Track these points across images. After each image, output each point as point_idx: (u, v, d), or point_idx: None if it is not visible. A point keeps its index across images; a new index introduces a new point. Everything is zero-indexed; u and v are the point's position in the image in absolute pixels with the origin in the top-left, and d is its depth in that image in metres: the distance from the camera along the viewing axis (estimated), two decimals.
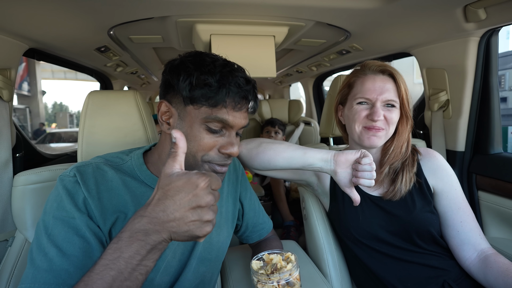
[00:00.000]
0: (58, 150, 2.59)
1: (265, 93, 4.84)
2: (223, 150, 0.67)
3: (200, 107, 0.65)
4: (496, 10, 0.99)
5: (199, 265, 0.77)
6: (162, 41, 1.51)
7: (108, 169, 0.69)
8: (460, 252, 0.88)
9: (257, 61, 1.29)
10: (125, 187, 0.68)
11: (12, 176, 0.99)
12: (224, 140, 0.68)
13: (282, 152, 0.85)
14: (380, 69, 0.92)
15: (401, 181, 0.90)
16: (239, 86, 0.65)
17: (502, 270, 0.79)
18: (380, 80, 0.91)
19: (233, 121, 0.66)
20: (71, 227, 0.59)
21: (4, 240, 0.94)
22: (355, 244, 0.95)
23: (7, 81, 1.04)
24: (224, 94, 0.64)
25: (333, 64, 2.17)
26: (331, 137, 1.46)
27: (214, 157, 0.67)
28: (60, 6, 0.95)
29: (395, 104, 0.90)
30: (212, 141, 0.67)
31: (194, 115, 0.65)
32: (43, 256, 0.56)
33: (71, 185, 0.63)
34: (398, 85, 0.90)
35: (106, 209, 0.64)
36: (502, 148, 1.36)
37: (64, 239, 0.58)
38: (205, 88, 0.63)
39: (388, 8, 1.04)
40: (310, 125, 2.87)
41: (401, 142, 0.93)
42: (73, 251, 0.57)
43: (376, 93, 0.89)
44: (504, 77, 9.38)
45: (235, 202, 0.89)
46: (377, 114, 0.87)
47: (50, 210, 0.61)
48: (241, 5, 1.03)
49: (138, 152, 0.77)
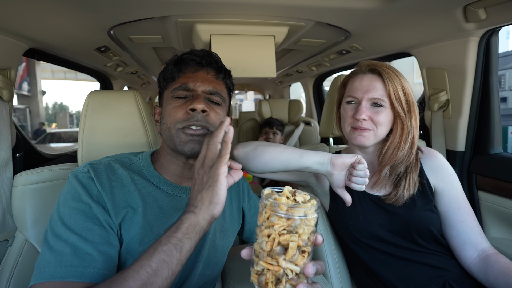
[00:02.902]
0: (58, 150, 2.59)
1: (265, 93, 4.83)
2: (188, 108, 0.71)
3: (168, 87, 0.76)
4: (496, 10, 0.99)
5: (205, 269, 0.78)
6: (162, 41, 1.51)
7: (118, 167, 0.72)
8: (461, 251, 0.88)
9: (257, 61, 1.29)
10: (134, 185, 0.70)
11: (12, 176, 0.99)
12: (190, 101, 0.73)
13: (278, 155, 0.85)
14: (369, 68, 0.91)
15: (404, 187, 0.89)
16: (190, 53, 0.76)
17: (503, 269, 0.79)
18: (368, 79, 0.90)
19: (193, 84, 0.74)
20: (88, 216, 0.61)
21: (4, 240, 0.94)
22: (355, 243, 0.94)
23: (7, 81, 1.04)
24: (178, 64, 0.75)
25: (333, 64, 2.17)
26: (331, 137, 1.46)
27: (183, 120, 0.71)
28: (60, 6, 0.95)
29: (382, 103, 0.88)
30: (180, 108, 0.72)
31: (167, 95, 0.76)
32: (64, 242, 0.57)
33: (85, 180, 0.65)
34: (386, 84, 0.87)
35: (117, 203, 0.66)
36: (502, 148, 1.36)
37: (83, 227, 0.59)
38: (168, 68, 0.76)
39: (388, 8, 1.04)
40: (310, 125, 2.87)
41: (395, 143, 0.90)
42: (93, 237, 0.59)
43: (361, 92, 0.89)
44: (504, 77, 9.38)
45: (239, 206, 0.90)
46: (359, 112, 0.87)
47: (65, 202, 0.63)
48: (241, 5, 1.03)
49: (146, 153, 0.81)
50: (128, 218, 0.66)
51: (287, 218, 0.46)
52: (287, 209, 0.46)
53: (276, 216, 0.46)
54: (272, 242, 0.46)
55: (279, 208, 0.46)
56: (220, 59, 0.81)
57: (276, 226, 0.46)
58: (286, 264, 0.46)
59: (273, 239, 0.46)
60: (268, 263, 0.47)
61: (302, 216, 0.46)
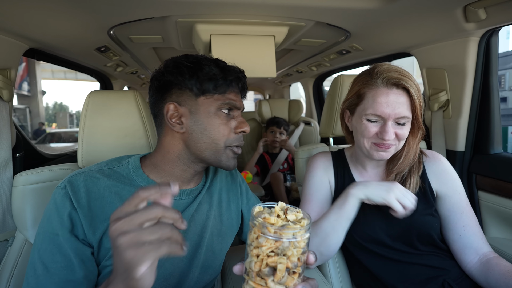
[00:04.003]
0: (58, 150, 2.59)
1: (265, 93, 4.83)
2: (238, 129, 0.74)
3: (212, 96, 0.72)
4: (496, 10, 0.99)
5: (203, 274, 0.77)
6: (162, 41, 1.51)
7: (100, 177, 0.70)
8: (462, 256, 0.88)
9: (257, 61, 1.29)
10: (117, 196, 0.69)
11: (12, 176, 0.99)
12: (236, 121, 0.75)
13: (328, 232, 0.86)
14: (393, 82, 0.82)
15: (408, 188, 0.88)
16: (235, 70, 0.75)
17: (504, 272, 0.78)
18: (394, 95, 0.82)
19: (240, 103, 0.75)
20: (55, 244, 0.62)
21: (4, 240, 0.94)
22: (355, 246, 0.94)
23: (7, 81, 1.04)
24: (229, 81, 0.73)
25: (333, 64, 2.17)
26: (331, 137, 1.46)
27: (233, 139, 0.73)
28: (60, 6, 0.95)
29: (407, 120, 0.84)
30: (228, 125, 0.73)
31: (208, 105, 0.71)
32: (33, 273, 0.61)
33: (60, 198, 0.65)
34: (413, 100, 0.82)
35: (96, 217, 0.65)
36: (502, 148, 1.36)
37: (49, 256, 0.61)
38: (213, 79, 0.71)
39: (388, 8, 1.04)
40: (310, 125, 2.87)
41: (411, 153, 0.89)
42: (55, 269, 0.60)
43: (388, 110, 0.81)
44: (504, 77, 9.38)
45: (237, 208, 0.89)
46: (388, 134, 0.82)
47: (42, 223, 0.65)
48: (241, 5, 1.03)
49: (136, 156, 0.78)
50: None
51: (275, 240, 0.44)
52: (274, 231, 0.44)
53: (264, 237, 0.44)
54: (260, 263, 0.45)
55: (267, 230, 0.44)
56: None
57: (263, 248, 0.44)
58: (275, 286, 0.44)
59: (261, 260, 0.45)
60: (257, 283, 0.45)
61: (290, 238, 0.44)
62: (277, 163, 2.53)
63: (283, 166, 2.56)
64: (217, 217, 0.82)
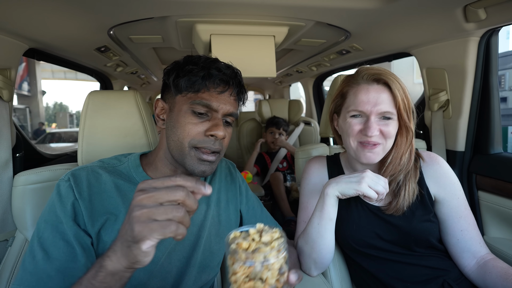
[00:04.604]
0: (58, 150, 2.59)
1: (265, 93, 4.83)
2: (208, 132, 0.69)
3: (186, 94, 0.70)
4: (496, 10, 0.99)
5: (201, 273, 0.77)
6: (162, 41, 1.51)
7: (102, 172, 0.72)
8: (459, 259, 0.88)
9: (257, 61, 1.29)
10: (117, 190, 0.70)
11: (12, 176, 0.99)
12: (210, 123, 0.70)
13: (314, 238, 0.86)
14: (373, 77, 0.84)
15: (404, 196, 0.86)
16: (219, 70, 0.71)
17: (501, 274, 0.78)
18: (374, 90, 0.83)
19: (217, 105, 0.70)
20: (58, 231, 0.62)
21: (4, 240, 0.94)
22: (353, 251, 0.95)
23: (7, 81, 1.04)
24: (206, 78, 0.69)
25: (333, 64, 2.17)
26: (331, 137, 1.46)
27: (199, 140, 0.69)
28: (60, 6, 0.95)
29: (391, 116, 0.83)
30: (198, 125, 0.69)
31: (181, 103, 0.71)
32: (32, 259, 0.60)
33: (64, 189, 0.66)
34: (394, 95, 0.82)
35: (96, 210, 0.66)
36: (502, 148, 1.36)
37: (51, 243, 0.61)
38: (188, 75, 0.69)
39: (388, 8, 1.04)
40: (310, 125, 2.87)
41: (400, 154, 0.87)
42: (57, 255, 0.60)
43: (370, 105, 0.82)
44: (504, 77, 9.38)
45: (236, 209, 0.89)
46: (371, 129, 0.81)
47: (43, 214, 0.65)
48: (241, 5, 1.03)
49: (136, 154, 0.80)
50: (109, 225, 0.66)
51: (249, 265, 0.44)
52: (246, 256, 0.44)
53: (238, 263, 0.44)
54: None
55: (238, 256, 0.44)
56: (242, 79, 0.78)
57: (238, 275, 0.44)
58: None
59: (239, 286, 0.45)
60: None
61: (262, 261, 0.44)
62: (276, 160, 2.54)
63: (283, 164, 2.56)
64: (215, 217, 0.82)
